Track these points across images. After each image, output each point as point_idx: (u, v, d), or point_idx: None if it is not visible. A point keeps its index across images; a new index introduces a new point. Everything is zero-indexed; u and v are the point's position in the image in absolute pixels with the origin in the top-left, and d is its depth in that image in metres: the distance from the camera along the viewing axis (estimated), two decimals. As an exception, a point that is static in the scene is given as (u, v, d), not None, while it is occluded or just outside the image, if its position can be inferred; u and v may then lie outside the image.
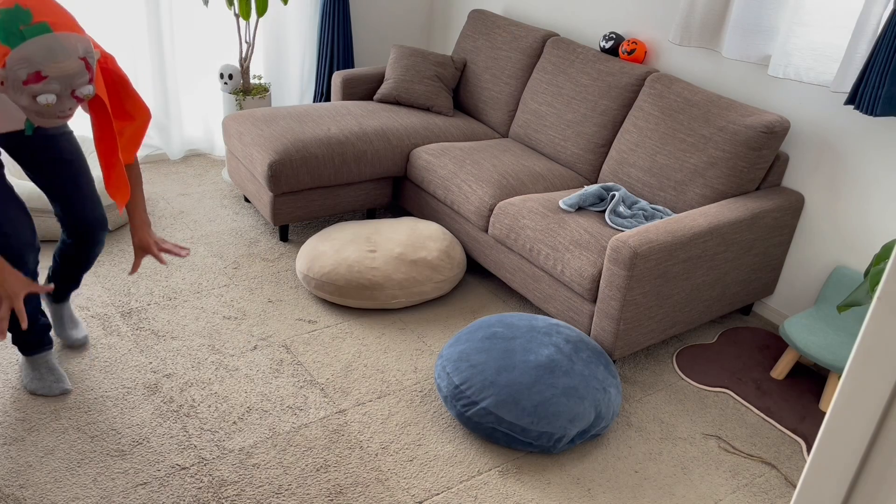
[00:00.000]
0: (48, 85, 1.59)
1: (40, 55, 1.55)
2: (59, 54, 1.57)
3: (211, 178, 3.95)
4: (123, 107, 1.94)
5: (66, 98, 1.64)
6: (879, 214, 2.72)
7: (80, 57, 1.62)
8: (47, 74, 1.58)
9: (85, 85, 1.65)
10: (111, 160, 1.94)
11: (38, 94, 1.59)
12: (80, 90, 1.64)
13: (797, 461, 2.36)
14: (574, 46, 3.45)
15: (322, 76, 4.31)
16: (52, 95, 1.61)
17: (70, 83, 1.62)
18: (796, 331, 2.63)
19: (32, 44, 1.54)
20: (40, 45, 1.55)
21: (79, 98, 1.66)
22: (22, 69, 1.55)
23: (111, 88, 1.92)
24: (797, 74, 2.75)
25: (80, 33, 1.64)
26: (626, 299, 2.47)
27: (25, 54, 1.54)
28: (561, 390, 2.24)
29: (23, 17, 1.54)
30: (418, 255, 2.94)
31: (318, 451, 2.20)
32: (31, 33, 1.55)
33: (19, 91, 1.59)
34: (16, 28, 1.53)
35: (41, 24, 1.56)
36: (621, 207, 2.83)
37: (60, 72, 1.59)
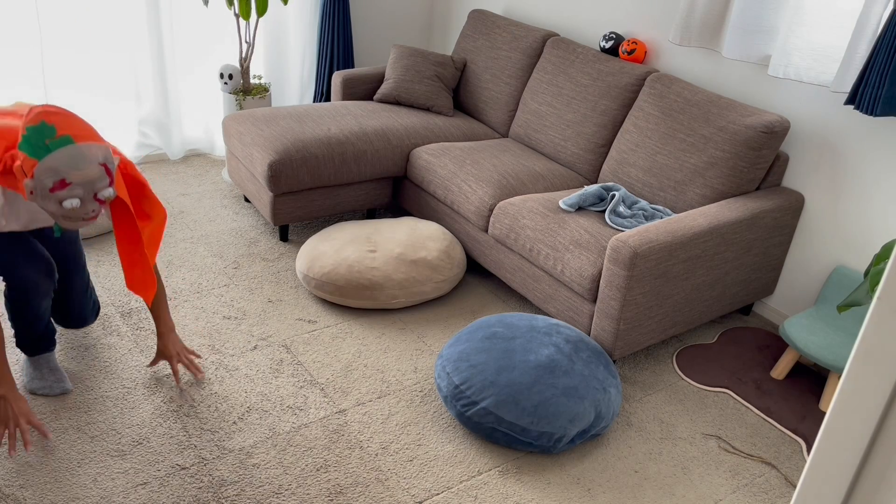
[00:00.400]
0: (72, 190, 1.74)
1: (64, 164, 1.71)
2: (80, 162, 1.74)
3: (211, 178, 3.95)
4: (142, 207, 2.09)
5: (90, 201, 1.79)
6: (879, 214, 2.72)
7: (101, 163, 1.78)
8: (71, 181, 1.73)
9: (106, 188, 1.80)
10: (133, 257, 2.09)
11: (63, 199, 1.75)
12: (101, 193, 1.79)
13: (797, 461, 2.36)
14: (574, 46, 3.45)
15: (322, 76, 4.30)
16: (76, 200, 1.76)
17: (92, 187, 1.77)
18: (796, 331, 2.63)
19: (57, 155, 1.71)
20: (64, 156, 1.72)
21: (101, 200, 1.80)
22: (48, 178, 1.71)
23: (130, 190, 2.07)
24: (797, 74, 2.75)
25: (99, 142, 1.79)
26: (626, 299, 2.47)
27: (51, 165, 1.71)
28: (561, 390, 2.24)
29: (48, 132, 1.72)
30: (418, 255, 2.94)
31: (318, 451, 2.21)
32: (56, 146, 1.72)
33: (47, 198, 1.75)
34: (42, 142, 1.71)
35: (64, 136, 1.73)
36: (621, 207, 2.83)
37: (83, 178, 1.74)
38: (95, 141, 1.78)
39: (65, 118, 1.76)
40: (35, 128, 1.71)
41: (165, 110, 3.98)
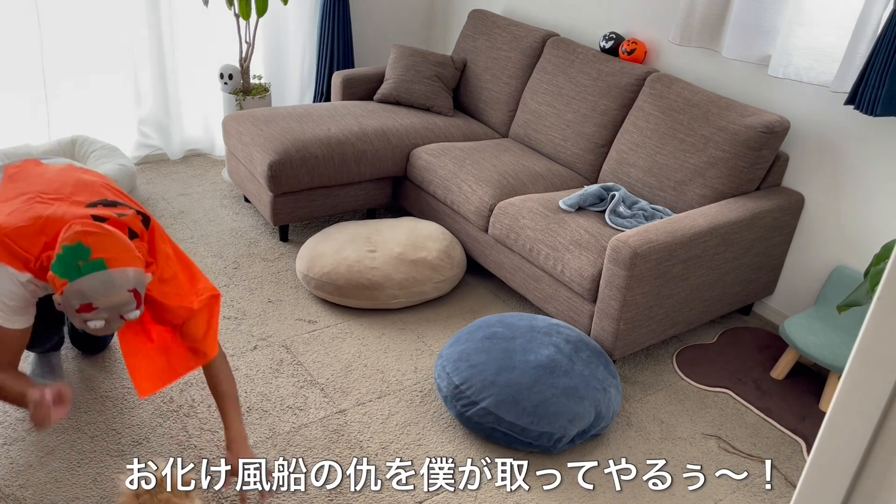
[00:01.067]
0: (98, 314, 1.71)
1: (93, 290, 1.68)
2: (110, 289, 1.70)
3: (211, 178, 3.95)
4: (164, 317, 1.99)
5: (115, 321, 1.76)
6: (879, 214, 2.72)
7: (130, 289, 1.74)
8: (98, 306, 1.70)
9: (133, 311, 1.77)
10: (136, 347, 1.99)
11: (88, 320, 1.72)
12: (127, 315, 1.76)
13: (797, 461, 2.36)
14: (574, 46, 3.45)
15: (322, 76, 4.30)
16: (101, 321, 1.73)
17: (118, 311, 1.74)
18: (796, 331, 2.63)
19: (87, 280, 1.67)
20: (94, 281, 1.68)
21: (125, 319, 1.77)
22: (75, 300, 1.68)
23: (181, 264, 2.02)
24: (797, 74, 2.75)
25: (134, 265, 1.75)
26: (626, 299, 2.47)
27: (80, 288, 1.67)
28: (561, 390, 2.24)
29: (83, 253, 1.69)
30: (418, 255, 2.94)
31: (318, 451, 2.20)
32: (88, 269, 1.68)
33: (72, 315, 1.73)
34: (75, 264, 1.68)
35: (98, 260, 1.69)
36: (621, 207, 2.83)
37: (110, 304, 1.71)
38: (130, 263, 1.74)
39: (102, 239, 1.72)
40: (71, 248, 1.69)
41: (165, 110, 3.98)
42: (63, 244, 1.70)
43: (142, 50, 3.81)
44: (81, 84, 3.74)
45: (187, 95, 4.05)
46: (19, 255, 1.77)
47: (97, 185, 1.99)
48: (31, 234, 1.78)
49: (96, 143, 3.52)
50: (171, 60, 3.88)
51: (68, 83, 3.69)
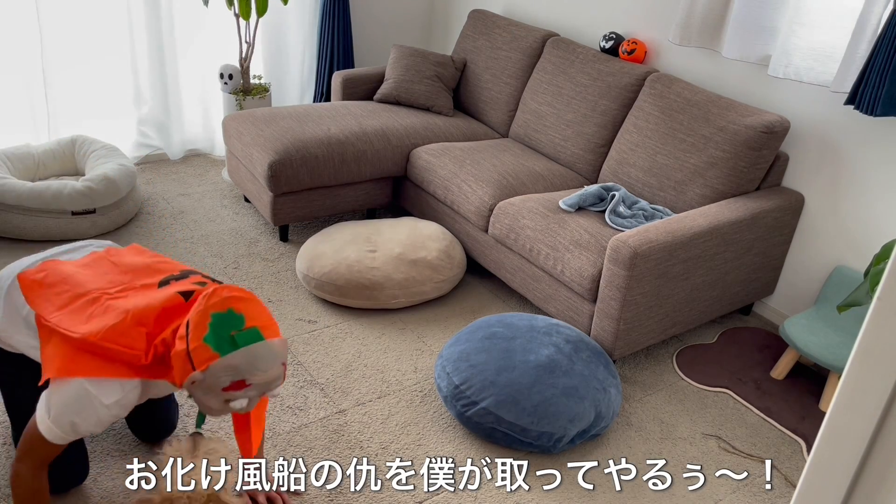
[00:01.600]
0: (248, 392, 1.52)
1: (249, 364, 1.48)
2: (266, 363, 1.51)
3: (211, 178, 3.95)
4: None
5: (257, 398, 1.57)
6: (879, 214, 2.72)
7: (283, 362, 1.56)
8: (251, 383, 1.50)
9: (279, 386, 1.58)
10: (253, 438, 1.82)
11: (233, 399, 1.52)
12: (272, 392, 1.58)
13: (797, 461, 2.36)
14: (574, 46, 3.45)
15: (322, 76, 4.30)
16: (246, 400, 1.54)
17: (269, 387, 1.55)
18: (796, 331, 2.63)
19: (244, 353, 1.48)
20: (250, 355, 1.48)
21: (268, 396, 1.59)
22: (227, 377, 1.48)
23: None
24: (797, 74, 2.75)
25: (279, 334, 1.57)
26: (626, 299, 2.47)
27: (234, 363, 1.48)
28: (561, 390, 2.24)
29: (236, 322, 1.49)
30: (418, 255, 2.94)
31: (318, 451, 2.20)
32: (244, 340, 1.48)
33: (213, 395, 1.51)
34: (227, 333, 1.48)
35: (253, 330, 1.49)
36: (621, 207, 2.83)
37: (265, 379, 1.52)
38: (278, 333, 1.55)
39: (252, 305, 1.53)
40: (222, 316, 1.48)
41: (165, 110, 3.98)
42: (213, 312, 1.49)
43: (142, 50, 3.81)
44: (81, 84, 3.74)
45: (187, 95, 4.05)
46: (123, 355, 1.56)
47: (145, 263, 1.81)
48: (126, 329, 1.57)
49: (96, 143, 3.52)
50: (171, 60, 3.88)
51: (68, 83, 3.69)
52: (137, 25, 3.75)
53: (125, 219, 3.33)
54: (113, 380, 1.56)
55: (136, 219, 3.43)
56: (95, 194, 3.15)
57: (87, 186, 3.15)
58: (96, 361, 1.56)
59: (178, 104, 4.01)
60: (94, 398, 1.56)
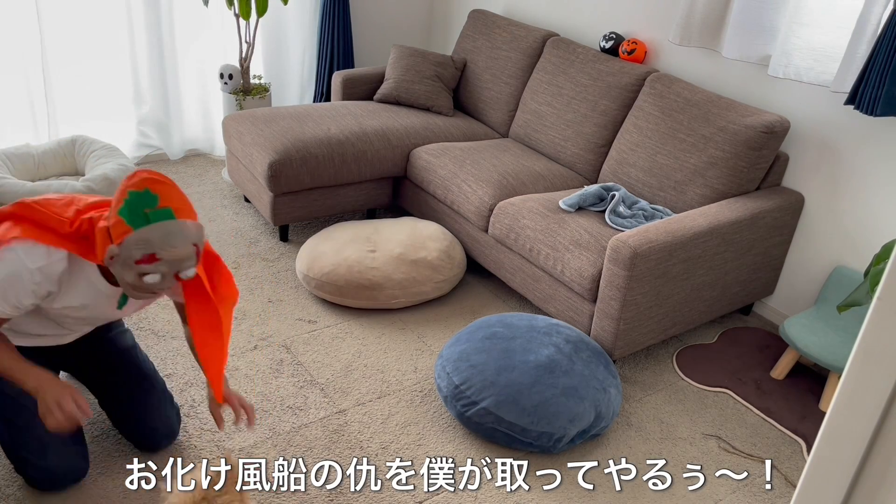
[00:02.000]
0: (158, 266, 1.64)
1: (159, 239, 1.61)
2: (175, 240, 1.63)
3: (211, 178, 3.95)
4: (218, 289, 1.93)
5: (169, 278, 1.68)
6: (879, 214, 2.72)
7: (194, 243, 1.68)
8: (161, 257, 1.62)
9: (191, 268, 1.70)
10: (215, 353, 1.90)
11: (146, 273, 1.64)
12: (184, 273, 1.69)
13: (797, 461, 2.36)
14: (574, 46, 3.45)
15: (322, 76, 4.30)
16: (158, 275, 1.65)
17: (178, 266, 1.67)
18: (796, 331, 2.63)
19: (155, 228, 1.61)
20: (161, 230, 1.61)
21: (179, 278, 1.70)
22: (138, 250, 1.61)
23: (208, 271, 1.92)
24: (797, 74, 2.75)
25: (195, 218, 1.70)
26: (626, 299, 2.47)
27: (146, 237, 1.60)
28: (561, 390, 2.24)
29: (150, 200, 1.61)
30: (418, 255, 2.94)
31: (318, 451, 2.21)
32: (156, 217, 1.61)
33: (129, 267, 1.64)
34: (142, 210, 1.60)
35: (166, 209, 1.62)
36: (621, 207, 2.83)
37: (173, 256, 1.64)
38: (193, 217, 1.69)
39: (169, 189, 1.65)
40: (139, 194, 1.61)
41: (165, 110, 3.98)
42: (129, 189, 1.61)
43: (142, 50, 3.81)
44: (81, 84, 3.74)
45: (187, 95, 4.05)
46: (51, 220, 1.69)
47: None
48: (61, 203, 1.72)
49: (96, 142, 3.51)
50: (171, 60, 3.88)
51: (68, 83, 3.69)
52: (137, 25, 3.75)
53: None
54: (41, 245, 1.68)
55: (136, 219, 3.43)
56: (95, 194, 3.15)
57: (87, 186, 3.15)
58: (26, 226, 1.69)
59: (178, 104, 4.01)
60: (21, 261, 1.67)
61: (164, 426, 2.13)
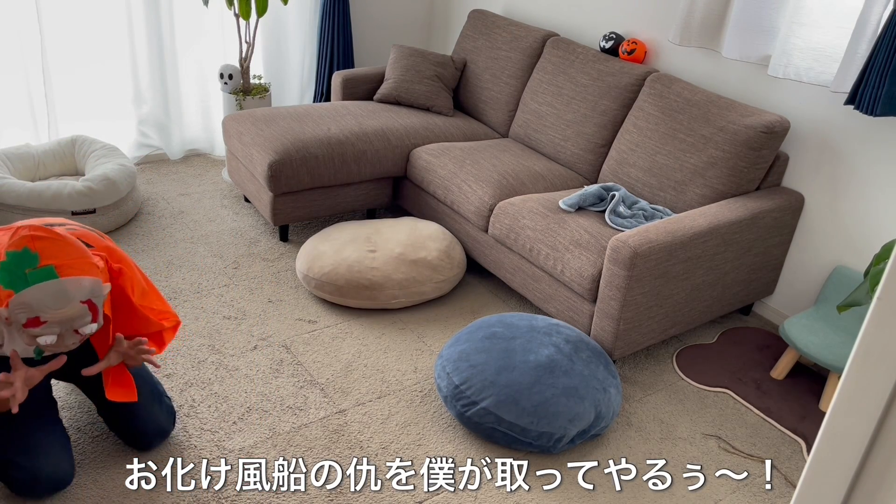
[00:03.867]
0: (48, 328, 1.56)
1: (40, 302, 1.53)
2: (60, 301, 1.54)
3: (211, 178, 3.95)
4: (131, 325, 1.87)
5: (69, 335, 1.61)
6: (879, 214, 2.72)
7: (84, 300, 1.59)
8: (46, 320, 1.55)
9: (88, 324, 1.62)
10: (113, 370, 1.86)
11: (37, 336, 1.57)
12: (82, 329, 1.62)
13: (797, 461, 2.36)
14: (574, 46, 3.45)
15: (322, 76, 4.30)
16: (52, 336, 1.58)
17: (71, 325, 1.59)
18: (796, 331, 2.63)
19: (34, 290, 1.52)
20: (42, 292, 1.53)
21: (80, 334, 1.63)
22: (21, 314, 1.53)
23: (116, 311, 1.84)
24: (797, 74, 2.75)
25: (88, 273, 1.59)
26: (626, 299, 2.47)
27: (26, 300, 1.52)
28: (561, 390, 2.24)
29: (29, 260, 1.52)
30: (418, 255, 2.94)
31: (318, 451, 2.21)
32: (36, 278, 1.52)
33: (20, 331, 1.57)
34: (21, 272, 1.52)
35: (47, 267, 1.53)
36: (621, 207, 2.83)
37: (61, 317, 1.56)
38: (83, 272, 1.58)
39: (52, 244, 1.55)
40: (16, 254, 1.52)
41: (165, 110, 3.98)
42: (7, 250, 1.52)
43: (142, 50, 3.81)
44: (81, 84, 3.74)
45: (187, 95, 4.05)
46: None
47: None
48: None
49: (96, 143, 3.52)
50: (171, 60, 3.88)
51: (68, 83, 3.69)
52: (137, 25, 3.75)
53: (125, 219, 3.33)
54: None
55: (136, 219, 3.43)
56: (95, 194, 3.15)
57: (87, 186, 3.15)
58: None
59: (178, 104, 4.01)
60: None
61: (154, 425, 2.09)
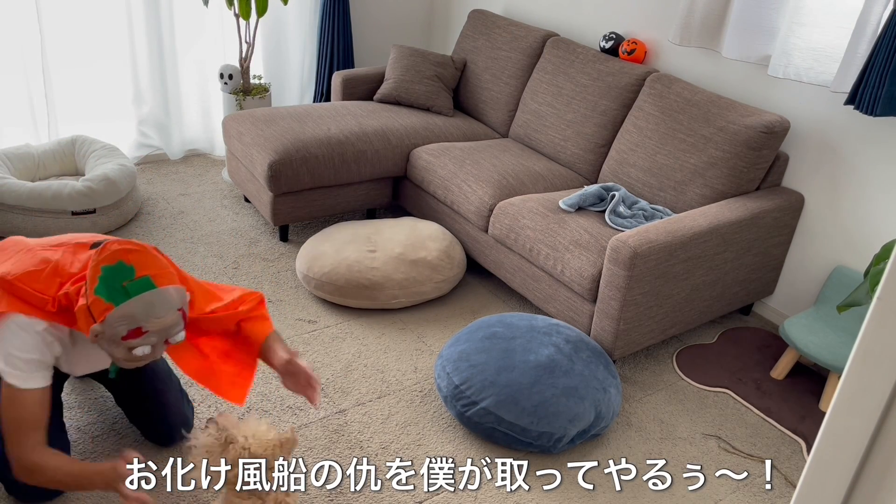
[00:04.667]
0: (147, 339, 1.59)
1: (143, 312, 1.56)
2: (160, 309, 1.58)
3: (211, 178, 3.95)
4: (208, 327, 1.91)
5: (160, 346, 1.65)
6: (879, 214, 2.72)
7: (179, 308, 1.63)
8: (147, 329, 1.58)
9: (179, 332, 1.66)
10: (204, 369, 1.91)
11: (134, 347, 1.59)
12: (173, 338, 1.65)
13: (797, 461, 2.36)
14: (574, 46, 3.45)
15: (322, 76, 4.30)
16: (148, 347, 1.61)
17: (167, 333, 1.63)
18: (796, 331, 2.63)
19: (136, 302, 1.55)
20: (143, 303, 1.56)
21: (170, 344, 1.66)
22: (122, 326, 1.55)
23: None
24: (797, 74, 2.75)
25: (175, 282, 1.64)
26: (626, 299, 2.47)
27: (129, 312, 1.55)
28: (561, 390, 2.24)
29: (126, 272, 1.56)
30: (418, 255, 2.94)
31: (318, 451, 2.20)
32: (135, 289, 1.55)
33: (116, 345, 1.59)
34: (119, 285, 1.54)
35: (144, 279, 1.57)
36: (621, 207, 2.83)
37: (160, 326, 1.59)
38: (172, 281, 1.63)
39: (143, 257, 1.60)
40: (112, 268, 1.55)
41: (165, 110, 3.98)
42: (102, 265, 1.56)
43: (142, 50, 3.81)
44: (81, 84, 3.74)
45: (187, 95, 4.05)
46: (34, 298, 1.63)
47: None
48: (43, 277, 1.65)
49: (96, 143, 3.52)
50: (171, 60, 3.88)
51: (68, 83, 3.69)
52: (137, 25, 3.75)
53: (125, 219, 3.33)
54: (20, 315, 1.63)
55: (136, 219, 3.43)
56: (95, 194, 3.15)
57: (87, 186, 3.15)
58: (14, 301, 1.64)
59: (178, 104, 4.01)
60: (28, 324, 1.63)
61: (183, 421, 2.12)
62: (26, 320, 1.63)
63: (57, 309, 1.64)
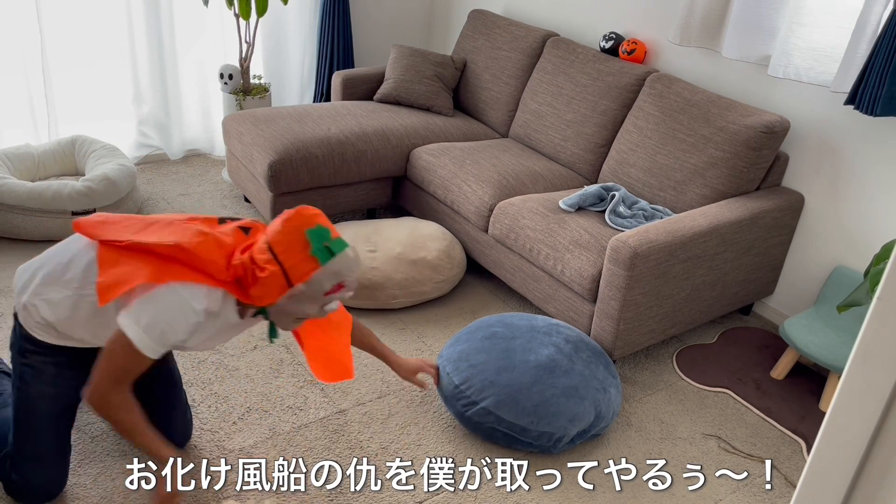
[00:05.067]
0: (344, 292, 1.71)
1: (346, 268, 1.68)
2: (356, 265, 1.72)
3: (211, 178, 3.95)
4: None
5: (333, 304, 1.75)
6: (879, 214, 2.72)
7: None
8: (346, 283, 1.70)
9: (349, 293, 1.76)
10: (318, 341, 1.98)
11: (329, 302, 1.71)
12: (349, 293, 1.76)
13: (797, 461, 2.36)
14: (574, 46, 3.45)
15: (322, 76, 4.30)
16: (338, 302, 1.72)
17: (352, 287, 1.74)
18: (796, 331, 2.63)
19: (341, 258, 1.67)
20: (346, 259, 1.68)
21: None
22: (329, 281, 1.67)
23: None
24: (797, 74, 2.75)
25: None
26: (626, 299, 2.47)
27: (335, 269, 1.66)
28: (561, 390, 2.24)
29: (324, 234, 1.68)
30: (418, 255, 2.94)
31: (318, 451, 2.21)
32: (337, 248, 1.68)
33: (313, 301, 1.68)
34: (321, 245, 1.66)
35: (339, 239, 1.69)
36: (621, 207, 2.83)
37: (354, 279, 1.73)
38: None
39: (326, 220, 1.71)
40: (315, 231, 1.66)
41: (165, 110, 3.98)
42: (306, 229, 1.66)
43: (142, 50, 3.81)
44: (81, 84, 3.74)
45: (187, 95, 4.05)
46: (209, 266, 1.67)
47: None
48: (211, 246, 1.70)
49: (96, 143, 3.52)
50: (171, 60, 3.88)
51: (68, 83, 3.69)
52: (137, 25, 3.75)
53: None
54: (201, 285, 1.67)
55: (136, 219, 3.43)
56: (95, 194, 3.15)
57: (87, 186, 3.15)
58: (185, 269, 1.67)
59: (178, 104, 4.01)
60: (186, 301, 1.65)
61: (186, 428, 2.16)
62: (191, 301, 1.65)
63: (230, 276, 1.70)
